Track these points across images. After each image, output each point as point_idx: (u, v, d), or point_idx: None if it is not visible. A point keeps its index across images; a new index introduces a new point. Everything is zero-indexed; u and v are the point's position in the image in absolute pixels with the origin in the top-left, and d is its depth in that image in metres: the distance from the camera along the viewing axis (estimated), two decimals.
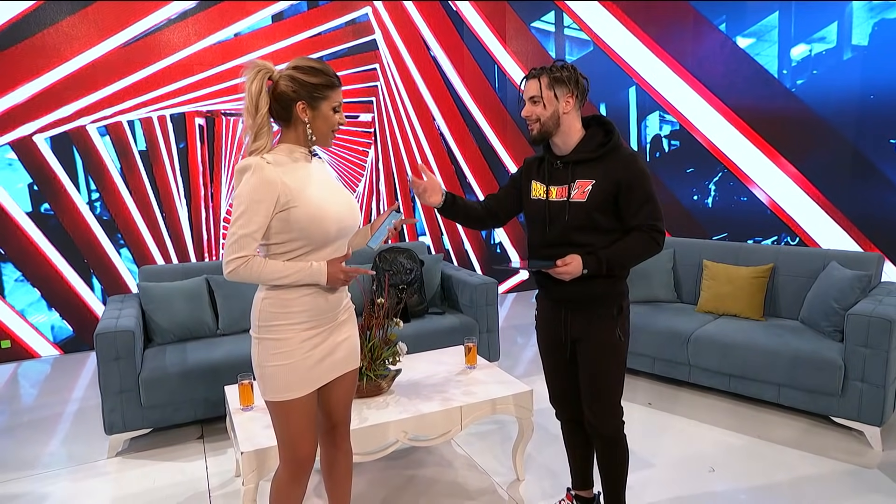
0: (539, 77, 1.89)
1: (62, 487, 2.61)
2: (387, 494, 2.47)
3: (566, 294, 1.92)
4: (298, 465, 1.70)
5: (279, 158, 1.59)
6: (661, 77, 5.80)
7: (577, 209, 1.87)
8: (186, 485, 2.57)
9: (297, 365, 1.64)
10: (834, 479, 2.51)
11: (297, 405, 1.66)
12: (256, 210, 1.54)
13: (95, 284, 4.63)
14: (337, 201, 1.67)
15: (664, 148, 6.02)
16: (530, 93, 1.90)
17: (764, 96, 5.33)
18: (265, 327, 1.64)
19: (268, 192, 1.54)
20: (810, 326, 3.17)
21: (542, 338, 2.11)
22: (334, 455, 1.88)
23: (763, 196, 5.31)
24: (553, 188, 1.93)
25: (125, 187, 4.66)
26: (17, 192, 4.37)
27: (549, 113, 1.88)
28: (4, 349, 4.39)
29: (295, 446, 1.68)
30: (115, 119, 4.57)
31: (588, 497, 2.25)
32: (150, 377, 2.81)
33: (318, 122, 1.63)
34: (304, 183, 1.60)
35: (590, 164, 1.89)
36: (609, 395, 1.97)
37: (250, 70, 1.58)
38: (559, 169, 1.94)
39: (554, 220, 1.91)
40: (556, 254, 1.87)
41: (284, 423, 1.67)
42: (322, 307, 1.67)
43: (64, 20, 4.33)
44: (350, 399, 1.86)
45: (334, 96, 1.64)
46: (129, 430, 2.83)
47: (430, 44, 5.70)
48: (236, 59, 4.87)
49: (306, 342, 1.66)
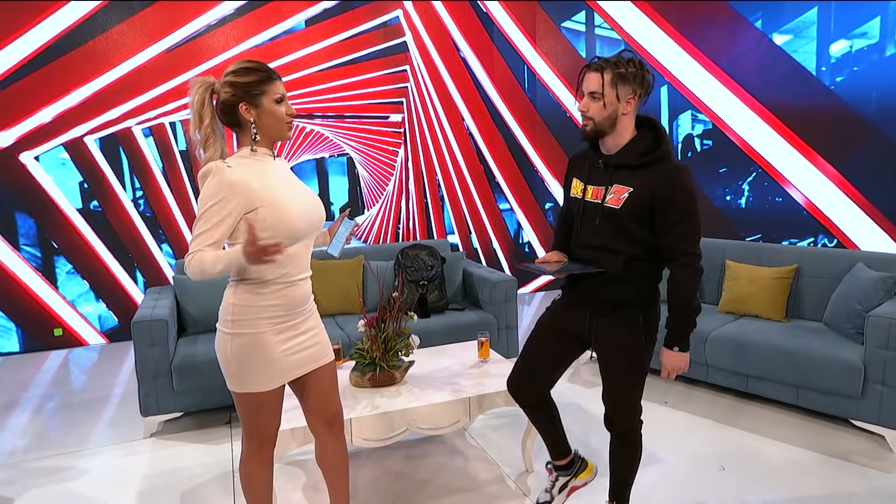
0: (603, 71, 1.75)
1: (101, 463, 2.81)
2: (399, 482, 2.57)
3: (596, 296, 1.90)
4: (258, 446, 1.79)
5: (241, 161, 1.65)
6: (694, 76, 5.73)
7: (609, 215, 1.81)
8: (213, 465, 2.73)
9: (268, 360, 1.69)
10: (853, 483, 2.47)
11: (264, 397, 1.73)
12: (219, 209, 1.58)
13: (139, 277, 4.91)
14: (302, 199, 1.73)
15: (696, 147, 5.94)
16: (591, 87, 1.77)
17: (801, 94, 5.21)
18: (237, 322, 1.68)
19: (230, 194, 1.58)
20: (833, 328, 3.12)
21: (549, 325, 2.05)
22: (331, 443, 1.92)
23: (799, 196, 5.19)
24: (590, 188, 1.87)
25: (167, 186, 4.92)
26: (69, 189, 4.67)
27: (607, 112, 1.77)
28: (57, 337, 4.70)
29: (258, 431, 1.77)
30: (158, 121, 4.83)
31: (565, 463, 2.27)
32: (182, 364, 2.99)
33: (263, 118, 1.67)
34: (269, 183, 1.65)
35: (632, 170, 1.79)
36: (629, 396, 1.98)
37: (193, 86, 1.66)
38: (599, 169, 1.86)
39: (586, 222, 1.88)
40: (586, 256, 1.88)
41: (249, 411, 1.75)
42: (295, 300, 1.73)
43: (114, 28, 4.61)
44: (336, 392, 1.91)
45: (272, 89, 1.67)
46: (163, 412, 3.02)
47: (460, 45, 5.79)
48: (272, 62, 5.07)
49: (278, 336, 1.71)
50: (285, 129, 1.73)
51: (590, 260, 1.87)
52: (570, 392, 3.51)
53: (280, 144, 1.87)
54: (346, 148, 5.52)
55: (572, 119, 6.18)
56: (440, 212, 6.01)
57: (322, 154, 5.45)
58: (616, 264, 1.83)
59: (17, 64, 4.36)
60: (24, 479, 2.67)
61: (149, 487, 2.58)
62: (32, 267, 4.61)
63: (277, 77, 1.71)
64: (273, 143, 1.75)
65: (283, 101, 1.71)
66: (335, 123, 5.43)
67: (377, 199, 5.72)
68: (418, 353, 2.88)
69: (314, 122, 5.35)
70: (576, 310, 1.98)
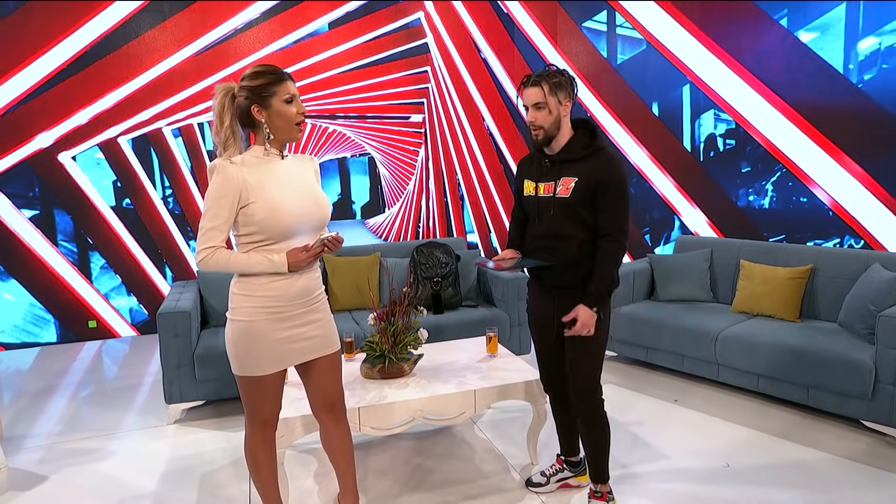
0: (541, 84, 2.01)
1: (129, 447, 2.97)
2: (407, 470, 2.66)
3: (557, 281, 2.14)
4: (261, 427, 1.90)
5: (247, 159, 1.76)
6: (717, 75, 5.68)
7: (561, 204, 2.07)
8: (230, 451, 2.86)
9: (262, 346, 1.80)
10: (862, 484, 2.46)
11: (262, 381, 1.83)
12: (221, 205, 1.71)
13: (168, 272, 5.11)
14: (298, 197, 1.80)
15: (719, 147, 5.88)
16: (534, 99, 2.02)
17: (828, 93, 5.12)
18: (236, 310, 1.81)
19: (229, 189, 1.71)
20: (847, 329, 3.10)
21: (532, 320, 2.31)
22: (334, 430, 2.02)
23: (825, 197, 5.10)
24: (541, 185, 2.12)
25: (195, 184, 5.11)
26: (103, 188, 4.89)
27: (552, 118, 2.03)
28: (91, 329, 4.93)
29: (258, 413, 1.88)
30: (187, 122, 5.02)
31: (575, 461, 2.46)
32: (204, 354, 3.13)
33: (274, 119, 1.77)
34: (266, 180, 1.75)
35: (575, 163, 2.06)
36: (589, 373, 2.13)
37: (216, 91, 1.78)
38: (547, 167, 2.11)
39: (542, 215, 2.11)
40: (545, 246, 2.11)
41: (249, 394, 1.86)
42: (290, 293, 1.81)
43: (146, 33, 4.81)
44: (337, 380, 1.99)
45: (282, 90, 1.76)
46: (185, 400, 3.17)
47: (481, 45, 5.86)
48: (296, 64, 5.22)
49: (272, 325, 1.80)
50: (294, 129, 1.82)
51: (547, 248, 2.10)
52: None
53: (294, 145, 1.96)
54: (368, 148, 5.64)
55: (593, 118, 6.18)
56: (460, 211, 6.08)
57: (344, 154, 5.58)
58: (571, 248, 2.07)
59: (57, 68, 4.59)
60: (58, 460, 2.85)
61: (171, 470, 2.72)
62: (69, 262, 4.84)
63: (288, 78, 1.80)
64: (284, 142, 1.84)
65: (294, 101, 1.80)
66: (357, 124, 5.55)
67: (398, 198, 5.83)
68: (429, 348, 2.96)
69: (337, 122, 5.48)
70: (543, 297, 2.21)
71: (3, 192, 4.60)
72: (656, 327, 3.57)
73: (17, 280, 4.72)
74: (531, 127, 2.06)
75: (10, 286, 4.70)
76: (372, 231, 5.77)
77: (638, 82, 6.14)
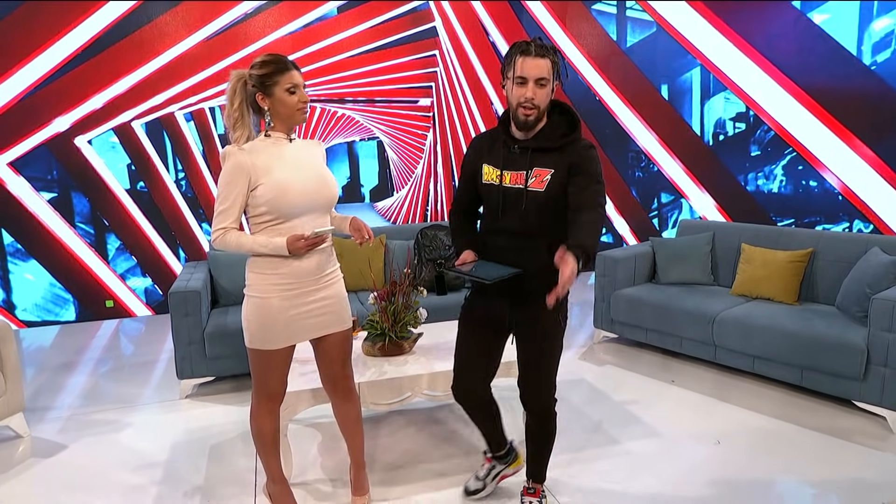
0: (548, 57, 1.73)
1: (142, 419, 3.11)
2: (412, 443, 2.77)
3: (517, 289, 1.87)
4: (267, 400, 2.01)
5: (256, 144, 1.88)
6: (728, 57, 5.64)
7: (535, 198, 1.81)
8: (238, 424, 2.99)
9: (273, 322, 1.91)
10: (853, 463, 2.51)
11: (271, 355, 1.94)
12: (231, 190, 1.84)
13: (181, 254, 5.25)
14: (304, 177, 1.90)
15: (728, 131, 5.86)
16: (540, 73, 1.72)
17: (840, 75, 5.08)
18: (250, 286, 1.93)
19: (239, 174, 1.83)
20: (844, 312, 3.13)
21: (472, 318, 2.03)
22: (341, 404, 2.15)
23: (835, 181, 5.08)
24: (508, 173, 1.84)
25: (206, 168, 5.22)
26: (118, 171, 5.02)
27: (549, 99, 1.78)
28: (108, 308, 5.09)
29: (265, 385, 1.99)
30: (198, 106, 5.12)
31: (503, 452, 2.32)
32: (213, 332, 3.26)
33: (276, 106, 1.87)
34: (273, 163, 1.86)
35: (550, 153, 1.81)
36: (549, 374, 1.99)
37: (230, 77, 1.89)
38: (516, 154, 1.84)
39: (508, 209, 1.85)
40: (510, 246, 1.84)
41: (258, 367, 1.97)
42: (300, 272, 1.92)
43: (158, 18, 4.89)
44: (345, 356, 2.09)
45: (285, 79, 1.85)
46: (196, 376, 3.30)
47: (489, 28, 5.86)
48: (305, 48, 5.28)
49: (284, 301, 1.91)
50: (297, 115, 1.91)
51: (512, 248, 1.84)
52: (580, 369, 3.62)
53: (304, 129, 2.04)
54: (376, 131, 5.70)
55: (602, 103, 6.18)
56: None
57: (353, 138, 5.64)
58: (541, 250, 1.80)
59: (72, 53, 4.70)
60: (77, 430, 3.00)
61: (183, 441, 2.86)
62: (86, 243, 5.00)
63: (293, 67, 1.89)
64: (290, 127, 1.94)
65: (297, 91, 1.89)
66: (366, 108, 5.61)
67: (406, 182, 5.89)
68: (430, 327, 3.05)
69: (345, 106, 5.55)
70: (495, 301, 1.95)
71: (23, 176, 4.75)
72: (656, 309, 3.62)
73: (38, 260, 4.88)
74: (525, 104, 1.74)
75: (31, 266, 4.87)
76: (381, 214, 5.85)
77: (647, 65, 6.11)
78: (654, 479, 2.42)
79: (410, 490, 2.39)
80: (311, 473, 2.53)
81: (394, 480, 2.46)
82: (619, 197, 6.38)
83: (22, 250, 4.83)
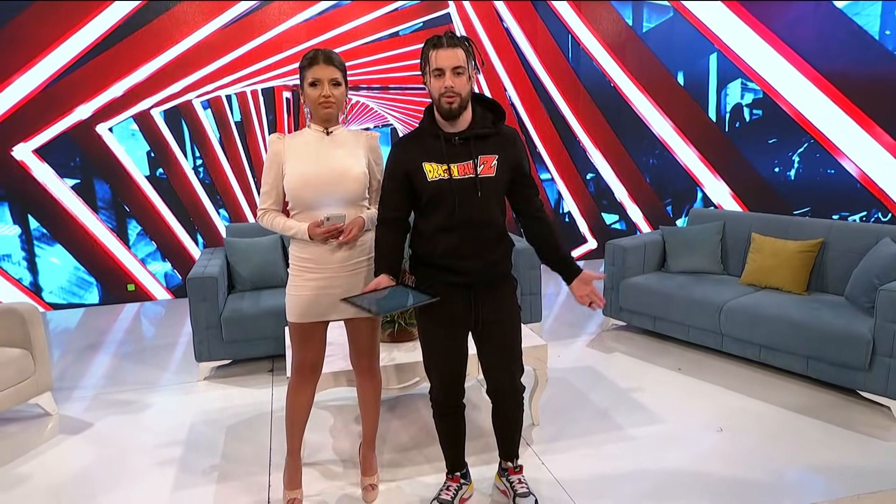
0: (459, 46, 1.79)
1: (162, 400, 3.24)
2: (415, 427, 2.85)
3: (480, 276, 1.92)
4: (299, 372, 2.15)
5: (300, 133, 2.07)
6: (746, 43, 5.57)
7: (488, 184, 1.87)
8: (254, 406, 3.10)
9: (299, 298, 2.08)
10: (857, 452, 2.54)
11: (299, 328, 2.10)
12: (268, 174, 2.06)
13: (199, 239, 5.37)
14: (321, 172, 1.99)
15: (745, 117, 5.80)
16: (454, 62, 1.77)
17: (862, 60, 5.00)
18: (291, 265, 2.13)
19: (273, 161, 2.04)
20: (852, 303, 3.13)
21: (443, 321, 1.98)
22: (362, 380, 2.28)
23: (853, 168, 5.03)
24: (454, 166, 1.85)
25: (223, 154, 5.31)
26: (138, 158, 5.13)
27: (469, 86, 1.82)
28: (130, 292, 5.25)
29: (296, 356, 2.14)
30: (215, 94, 5.20)
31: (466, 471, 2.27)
32: (230, 317, 3.36)
33: (306, 101, 2.03)
34: (299, 154, 2.01)
35: (488, 139, 1.88)
36: (519, 353, 2.09)
37: None
38: (457, 146, 1.86)
39: (464, 200, 1.85)
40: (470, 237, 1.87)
41: (293, 338, 2.14)
42: (324, 259, 2.05)
43: (176, 7, 4.96)
44: (368, 339, 2.20)
45: (307, 74, 1.98)
46: (214, 359, 3.42)
47: (503, 14, 5.84)
48: (320, 35, 5.32)
49: (308, 282, 2.06)
50: (319, 108, 2.01)
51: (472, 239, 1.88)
52: (587, 356, 3.67)
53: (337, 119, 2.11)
54: (391, 118, 5.74)
55: (617, 89, 6.14)
56: None
57: (367, 125, 5.69)
58: (499, 234, 1.94)
59: (92, 43, 4.80)
60: (102, 409, 3.14)
61: (200, 421, 2.97)
62: (108, 228, 5.14)
63: (320, 61, 1.97)
64: (322, 119, 2.04)
65: (318, 85, 1.98)
66: (380, 95, 5.65)
67: None
68: None
69: (360, 93, 5.59)
70: (456, 295, 1.93)
71: (48, 162, 4.88)
72: (664, 298, 3.65)
73: (62, 245, 5.04)
74: (446, 93, 1.78)
75: (56, 250, 5.03)
76: None
77: (663, 51, 6.05)
78: (657, 466, 2.47)
79: (418, 471, 2.48)
80: (324, 454, 2.63)
81: (402, 462, 2.56)
82: (632, 184, 6.36)
83: (47, 235, 4.99)
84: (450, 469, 2.24)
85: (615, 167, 6.33)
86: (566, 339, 3.96)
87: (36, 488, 2.45)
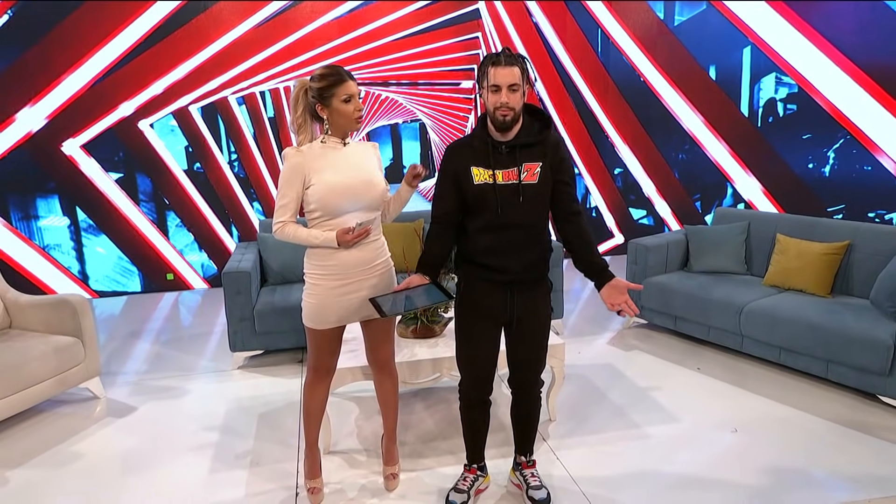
0: (517, 65, 1.93)
1: (199, 386, 3.44)
2: (436, 420, 2.97)
3: (517, 276, 2.04)
4: (316, 372, 2.26)
5: (314, 146, 2.09)
6: (781, 36, 5.46)
7: (530, 190, 1.99)
8: (284, 395, 3.27)
9: (321, 304, 2.16)
10: (874, 457, 2.55)
11: (320, 333, 2.19)
12: (289, 188, 2.07)
13: (234, 231, 5.58)
14: (351, 180, 2.08)
15: (778, 112, 5.70)
16: (511, 80, 1.90)
17: None
18: (307, 273, 2.18)
19: (294, 175, 2.06)
20: (877, 307, 3.11)
21: (479, 314, 2.10)
22: (383, 380, 2.39)
23: (891, 165, 4.91)
24: (500, 172, 1.98)
25: (257, 149, 5.49)
26: (177, 153, 5.35)
27: (523, 101, 1.97)
28: (169, 281, 5.50)
29: (315, 359, 2.24)
30: (249, 90, 5.37)
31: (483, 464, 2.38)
32: (262, 310, 3.53)
33: (334, 116, 2.07)
34: (325, 166, 2.06)
35: (533, 148, 2.00)
36: (545, 358, 2.23)
37: (294, 85, 2.10)
38: (503, 154, 2.00)
39: (506, 205, 1.98)
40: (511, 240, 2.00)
41: (312, 342, 2.23)
42: (348, 263, 2.13)
43: (212, 7, 5.13)
44: (386, 339, 2.31)
45: (341, 91, 2.04)
46: (247, 349, 3.60)
47: (533, 9, 5.85)
48: (351, 32, 5.43)
49: (332, 290, 2.14)
50: (353, 123, 2.11)
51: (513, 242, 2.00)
52: (607, 354, 3.73)
53: None
54: (419, 114, 5.83)
55: (646, 83, 6.09)
56: None
57: (396, 120, 5.80)
58: (541, 237, 2.07)
59: (134, 43, 5.01)
60: (145, 394, 3.35)
61: (234, 408, 3.15)
62: (149, 220, 5.38)
63: (348, 78, 2.07)
64: (345, 133, 2.14)
65: (352, 100, 2.07)
66: (408, 91, 5.74)
67: None
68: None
69: (389, 89, 5.69)
70: (496, 295, 2.07)
71: (94, 157, 5.14)
72: (686, 297, 3.67)
73: (107, 235, 5.30)
74: (502, 108, 1.92)
75: (102, 241, 5.30)
76: (422, 195, 6.02)
77: (695, 44, 5.97)
78: (671, 465, 2.54)
79: (438, 462, 2.60)
80: (348, 443, 2.78)
81: (423, 453, 2.68)
82: (661, 179, 6.32)
83: (94, 226, 5.26)
84: (469, 460, 2.36)
85: (643, 162, 6.30)
86: (588, 336, 4.03)
87: (87, 465, 2.66)
